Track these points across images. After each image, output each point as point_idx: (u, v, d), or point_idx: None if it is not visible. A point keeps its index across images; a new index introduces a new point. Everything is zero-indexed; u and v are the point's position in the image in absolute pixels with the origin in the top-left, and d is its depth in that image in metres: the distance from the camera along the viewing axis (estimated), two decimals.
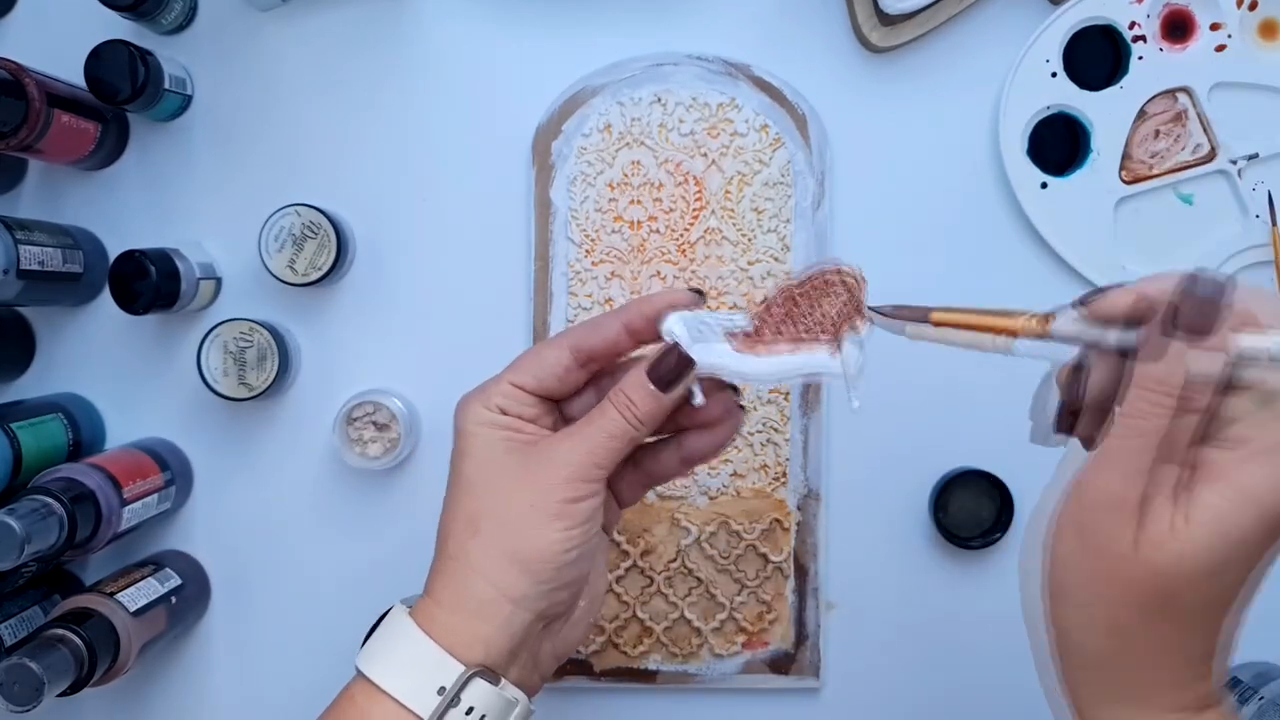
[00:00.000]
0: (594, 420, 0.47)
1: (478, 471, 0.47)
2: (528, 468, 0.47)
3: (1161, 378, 0.39)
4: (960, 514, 0.69)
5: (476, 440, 0.48)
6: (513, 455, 0.47)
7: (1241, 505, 0.38)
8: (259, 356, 0.66)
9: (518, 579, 0.45)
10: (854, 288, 0.47)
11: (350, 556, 0.71)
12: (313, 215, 0.66)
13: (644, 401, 0.47)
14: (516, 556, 0.45)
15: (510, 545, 0.45)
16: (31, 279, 0.62)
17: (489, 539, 0.46)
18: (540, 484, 0.46)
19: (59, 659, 0.56)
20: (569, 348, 0.49)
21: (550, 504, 0.46)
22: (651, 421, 0.48)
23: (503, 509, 0.46)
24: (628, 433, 0.47)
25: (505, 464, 0.47)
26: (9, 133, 0.59)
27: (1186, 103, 0.69)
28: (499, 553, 0.45)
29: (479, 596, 0.45)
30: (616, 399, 0.47)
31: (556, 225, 0.69)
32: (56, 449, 0.66)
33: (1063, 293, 0.70)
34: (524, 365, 0.49)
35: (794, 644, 0.69)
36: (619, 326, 0.49)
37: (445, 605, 0.46)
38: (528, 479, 0.46)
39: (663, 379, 0.47)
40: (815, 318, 0.48)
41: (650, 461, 0.52)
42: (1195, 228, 0.69)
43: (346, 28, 0.70)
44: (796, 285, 0.48)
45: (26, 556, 0.55)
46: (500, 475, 0.47)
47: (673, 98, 0.69)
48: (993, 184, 0.70)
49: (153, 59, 0.65)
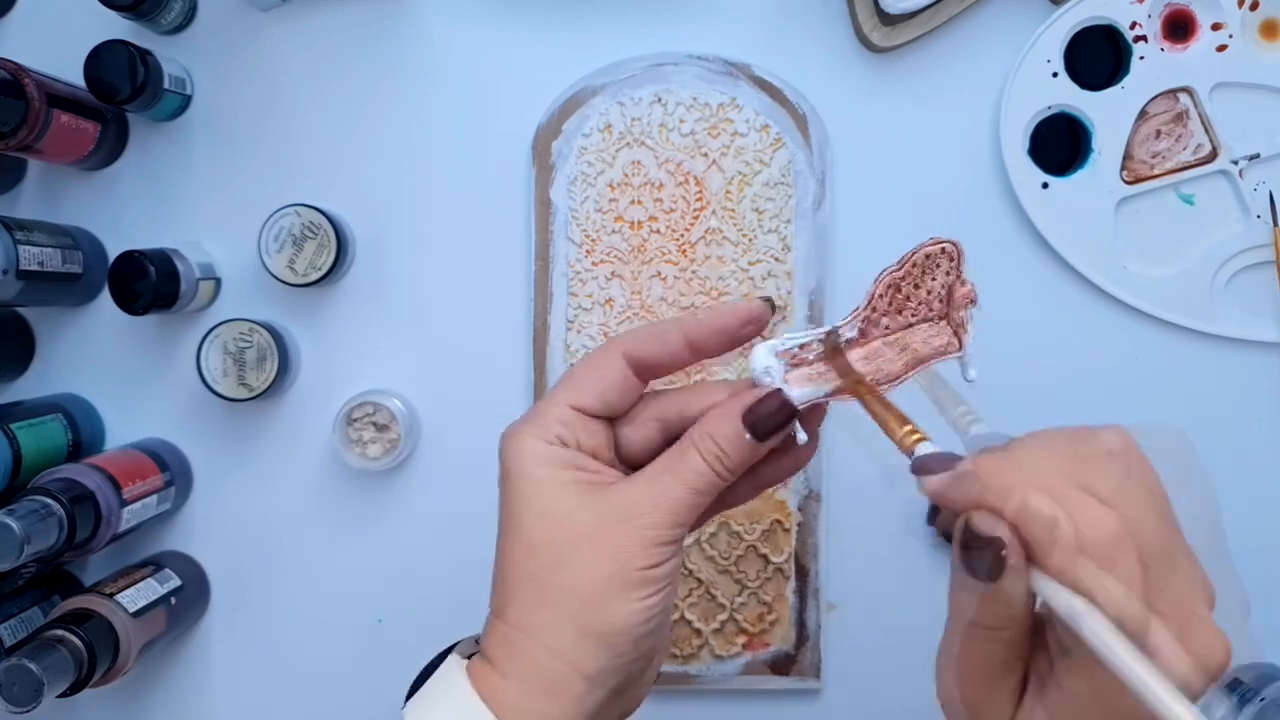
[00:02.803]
0: (675, 469, 0.41)
1: (544, 529, 0.40)
2: (602, 527, 0.40)
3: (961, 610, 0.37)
4: None
5: (539, 486, 0.40)
6: (584, 509, 0.40)
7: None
8: (259, 357, 0.66)
9: (595, 655, 0.40)
10: (955, 256, 0.43)
11: (350, 557, 0.71)
12: (313, 215, 0.66)
13: (737, 452, 0.41)
14: (593, 631, 0.40)
15: (586, 620, 0.40)
16: (31, 279, 0.62)
17: (560, 611, 0.40)
18: (619, 549, 0.40)
19: (59, 660, 0.56)
20: (624, 358, 0.42)
21: (631, 574, 0.40)
22: (741, 470, 0.42)
23: (575, 579, 0.40)
24: (715, 485, 0.41)
25: (576, 520, 0.40)
26: (8, 133, 0.59)
27: (1188, 103, 0.68)
28: (574, 628, 0.40)
29: (550, 674, 0.40)
30: (704, 445, 0.41)
31: (556, 225, 0.69)
32: (56, 449, 0.65)
33: (1063, 293, 0.70)
34: (582, 382, 0.42)
35: (795, 645, 0.69)
36: (681, 339, 0.42)
37: (512, 678, 0.40)
38: (604, 541, 0.40)
39: (759, 428, 0.41)
40: (920, 297, 0.43)
41: (724, 494, 0.44)
42: (1196, 228, 0.69)
43: (346, 28, 0.70)
44: (897, 270, 0.43)
45: (26, 557, 0.55)
46: (570, 535, 0.40)
47: (673, 98, 0.69)
48: (993, 184, 0.70)
49: (152, 59, 0.65)
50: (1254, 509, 0.69)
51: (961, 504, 0.35)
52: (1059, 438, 0.35)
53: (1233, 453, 0.70)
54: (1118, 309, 0.70)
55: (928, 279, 0.43)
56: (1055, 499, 0.33)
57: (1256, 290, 0.69)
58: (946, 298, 0.43)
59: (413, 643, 0.44)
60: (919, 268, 0.43)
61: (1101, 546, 0.32)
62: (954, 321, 0.43)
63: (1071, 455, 0.34)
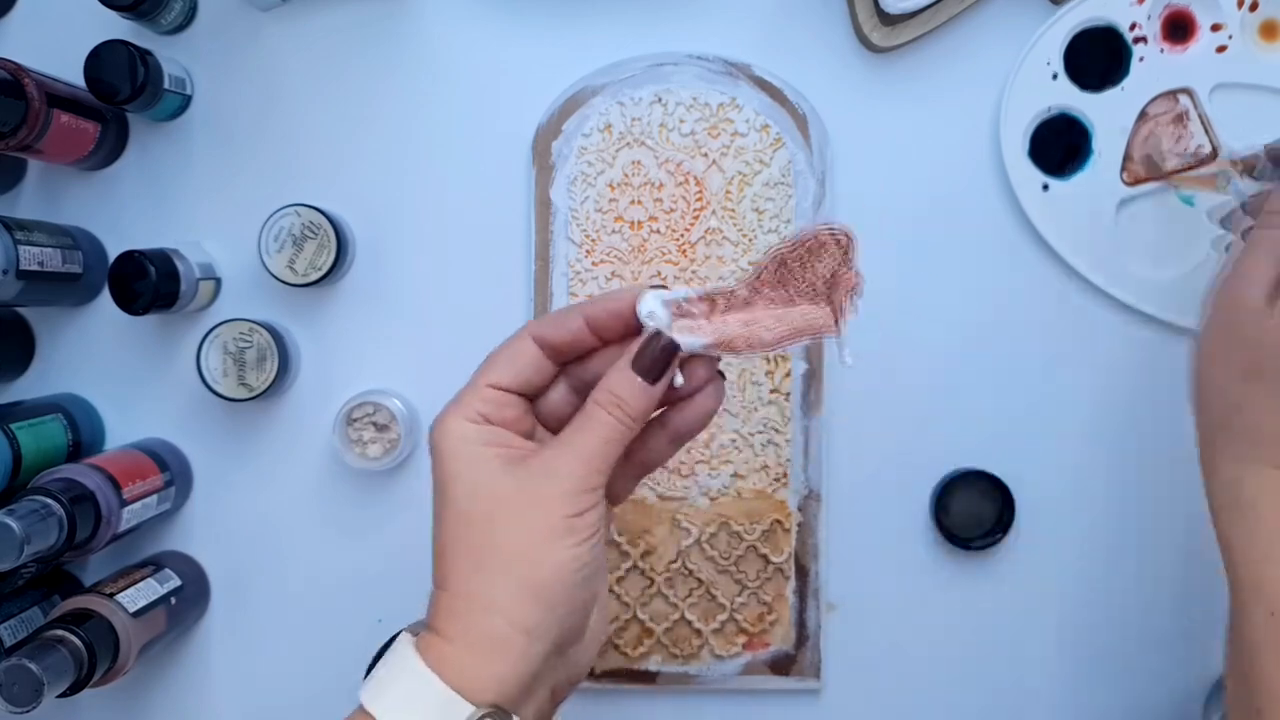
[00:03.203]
0: (584, 426, 0.45)
1: (473, 500, 0.44)
2: (525, 489, 0.44)
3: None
4: (961, 514, 0.69)
5: (465, 462, 0.44)
6: (508, 476, 0.44)
7: None
8: (259, 357, 0.66)
9: (531, 609, 0.43)
10: (845, 245, 0.46)
11: (350, 557, 0.71)
12: (313, 215, 0.66)
13: (634, 398, 0.45)
14: (527, 585, 0.43)
15: (519, 574, 0.43)
16: (31, 279, 0.62)
17: (495, 571, 0.43)
18: (541, 504, 0.43)
19: (58, 660, 0.56)
20: (534, 340, 0.47)
21: (555, 523, 0.43)
22: (643, 417, 0.46)
23: (506, 538, 0.43)
24: (622, 433, 0.45)
25: (502, 487, 0.44)
26: (8, 133, 0.59)
27: (1188, 104, 0.68)
28: (508, 584, 0.43)
29: (491, 633, 0.42)
30: (604, 399, 0.45)
31: (556, 225, 0.69)
32: (56, 449, 0.65)
33: (1064, 294, 0.70)
34: (498, 364, 0.46)
35: (795, 645, 0.69)
36: (580, 321, 0.46)
37: (457, 643, 0.43)
38: (528, 501, 0.44)
39: (649, 371, 0.45)
40: (807, 278, 0.46)
41: (640, 451, 0.49)
42: (1197, 229, 0.69)
43: (346, 28, 0.70)
44: (787, 248, 0.46)
45: (26, 557, 0.55)
46: (498, 501, 0.44)
47: (673, 98, 0.69)
48: (993, 185, 0.70)
49: (152, 59, 0.65)
50: None
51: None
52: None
53: None
54: (1118, 310, 0.70)
55: (815, 261, 0.46)
56: None
57: None
58: (831, 282, 0.46)
59: None
60: (808, 249, 0.46)
61: None
62: (834, 304, 0.46)
63: None
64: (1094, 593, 0.70)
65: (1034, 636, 0.71)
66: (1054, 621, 0.71)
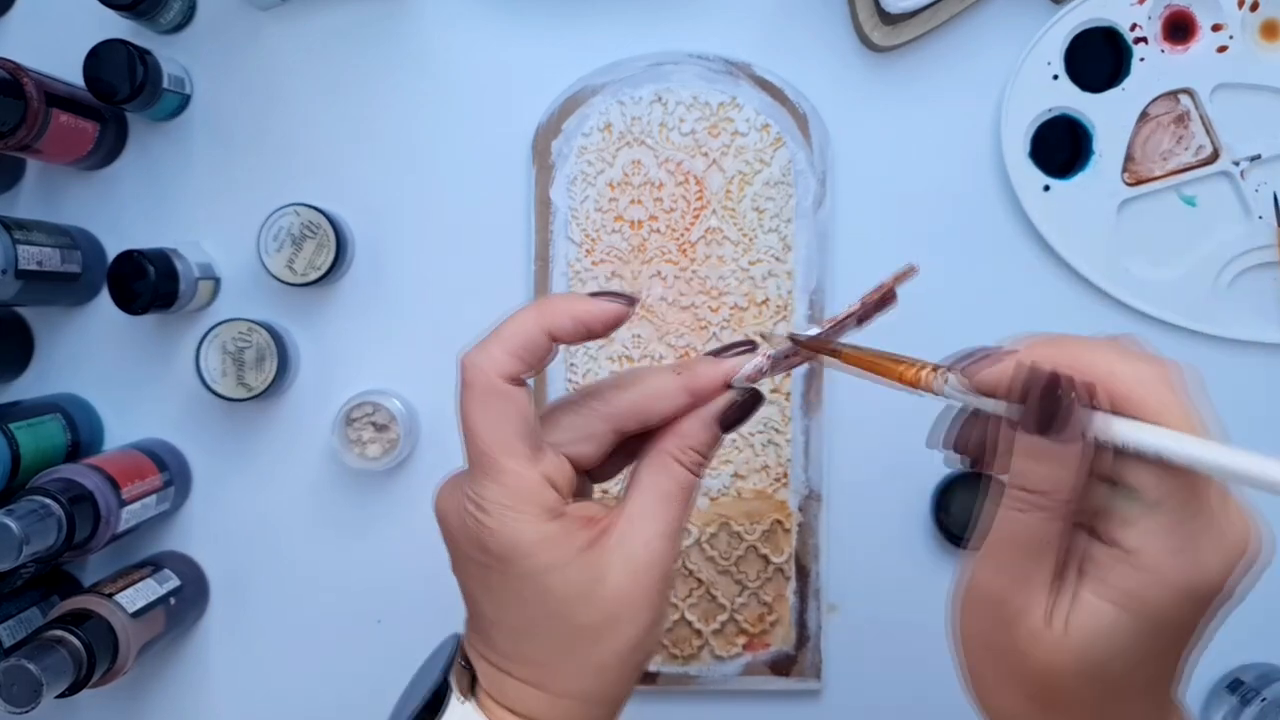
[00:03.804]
0: (668, 492, 0.40)
1: (584, 613, 0.39)
2: (637, 584, 0.39)
3: (1019, 474, 0.35)
4: (962, 514, 0.69)
5: (564, 574, 0.39)
6: (610, 572, 0.39)
7: (1122, 615, 0.34)
8: (258, 357, 0.66)
9: (625, 679, 0.40)
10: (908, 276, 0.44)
11: (349, 558, 0.71)
12: (312, 215, 0.66)
13: (710, 449, 0.41)
14: (626, 659, 0.40)
15: (616, 653, 0.39)
16: (30, 279, 0.62)
17: (619, 672, 0.40)
18: (656, 596, 0.39)
19: (58, 660, 0.56)
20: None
21: (650, 596, 0.39)
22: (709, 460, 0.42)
23: (630, 640, 0.39)
24: (694, 483, 0.41)
25: (613, 591, 0.39)
26: (7, 132, 0.59)
27: (1189, 104, 0.68)
28: (604, 665, 0.40)
29: (570, 714, 0.40)
30: (687, 458, 0.41)
31: (556, 225, 0.69)
32: (55, 449, 0.65)
33: (1065, 294, 0.70)
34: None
35: (795, 645, 0.69)
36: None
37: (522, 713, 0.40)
38: (641, 596, 0.39)
39: (731, 420, 0.41)
40: None
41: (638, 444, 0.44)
42: (1198, 229, 0.69)
43: (346, 28, 0.70)
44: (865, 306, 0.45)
45: (25, 557, 0.55)
46: (614, 606, 0.39)
47: (673, 97, 0.69)
48: (994, 186, 0.70)
49: (151, 58, 0.65)
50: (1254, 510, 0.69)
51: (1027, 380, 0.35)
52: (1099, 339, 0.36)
53: None
54: (1120, 311, 0.70)
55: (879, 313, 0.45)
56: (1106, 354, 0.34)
57: (1259, 291, 0.69)
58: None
59: (413, 643, 0.44)
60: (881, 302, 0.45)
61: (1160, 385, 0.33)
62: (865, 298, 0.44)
63: (1115, 347, 0.35)
64: None
65: None
66: None
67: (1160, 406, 0.33)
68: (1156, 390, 0.33)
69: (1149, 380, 0.33)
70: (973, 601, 0.39)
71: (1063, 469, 0.33)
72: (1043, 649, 0.35)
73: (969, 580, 0.38)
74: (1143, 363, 0.34)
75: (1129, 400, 0.33)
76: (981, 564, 0.37)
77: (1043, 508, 0.34)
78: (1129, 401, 0.33)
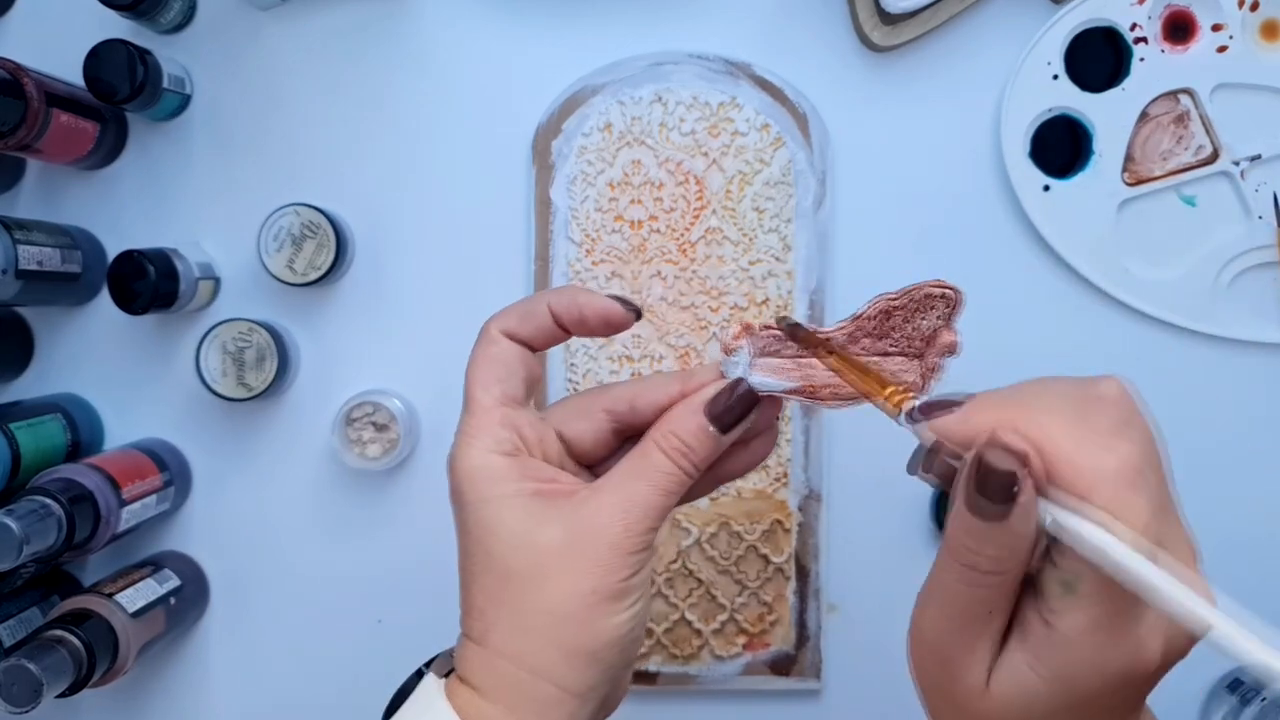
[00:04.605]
0: (642, 471, 0.40)
1: (514, 554, 0.39)
2: (576, 543, 0.39)
3: (960, 550, 0.34)
4: None
5: (500, 508, 0.39)
6: (554, 525, 0.39)
7: (1046, 681, 0.34)
8: (258, 357, 0.66)
9: (584, 673, 0.39)
10: (954, 303, 0.43)
11: (349, 557, 0.71)
12: (312, 215, 0.66)
13: (702, 446, 0.40)
14: (581, 650, 0.39)
15: (572, 640, 0.39)
16: (30, 279, 0.62)
17: (544, 635, 0.39)
18: (597, 564, 0.38)
19: (58, 660, 0.56)
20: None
21: (612, 587, 0.38)
22: (706, 465, 0.41)
23: (555, 600, 0.39)
24: (683, 483, 0.40)
25: (549, 540, 0.39)
26: (8, 132, 0.59)
27: (1189, 104, 0.68)
28: (560, 650, 0.39)
29: (541, 698, 0.39)
30: (668, 443, 0.40)
31: (556, 225, 0.69)
32: (55, 449, 0.65)
33: (1064, 294, 0.70)
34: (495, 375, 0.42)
35: (795, 645, 0.69)
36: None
37: (498, 704, 0.39)
38: (580, 558, 0.38)
39: (723, 418, 0.40)
40: (907, 332, 0.43)
41: None
42: (1198, 229, 0.69)
43: (346, 28, 0.70)
44: (895, 298, 0.43)
45: (25, 557, 0.55)
46: (547, 557, 0.39)
47: (673, 97, 0.69)
48: (994, 186, 0.70)
49: (151, 58, 0.65)
50: (1256, 510, 0.69)
51: (969, 440, 0.34)
52: (1059, 381, 0.35)
53: (1235, 453, 0.69)
54: (1120, 311, 0.70)
55: (919, 316, 0.43)
56: (1068, 432, 0.32)
57: (1259, 291, 0.69)
58: (929, 339, 0.43)
59: (413, 643, 0.44)
60: (915, 303, 0.43)
61: (1115, 482, 0.32)
62: (926, 364, 0.43)
63: (1074, 396, 0.34)
64: None
65: None
66: None
67: (1113, 508, 0.31)
68: (1114, 491, 0.31)
69: (1108, 479, 0.32)
70: (918, 647, 0.38)
71: (1006, 551, 0.33)
72: (975, 704, 0.36)
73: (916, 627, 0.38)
74: (1107, 454, 0.32)
75: (1082, 494, 0.32)
76: (927, 615, 0.37)
77: (985, 585, 0.34)
78: (1082, 495, 0.32)
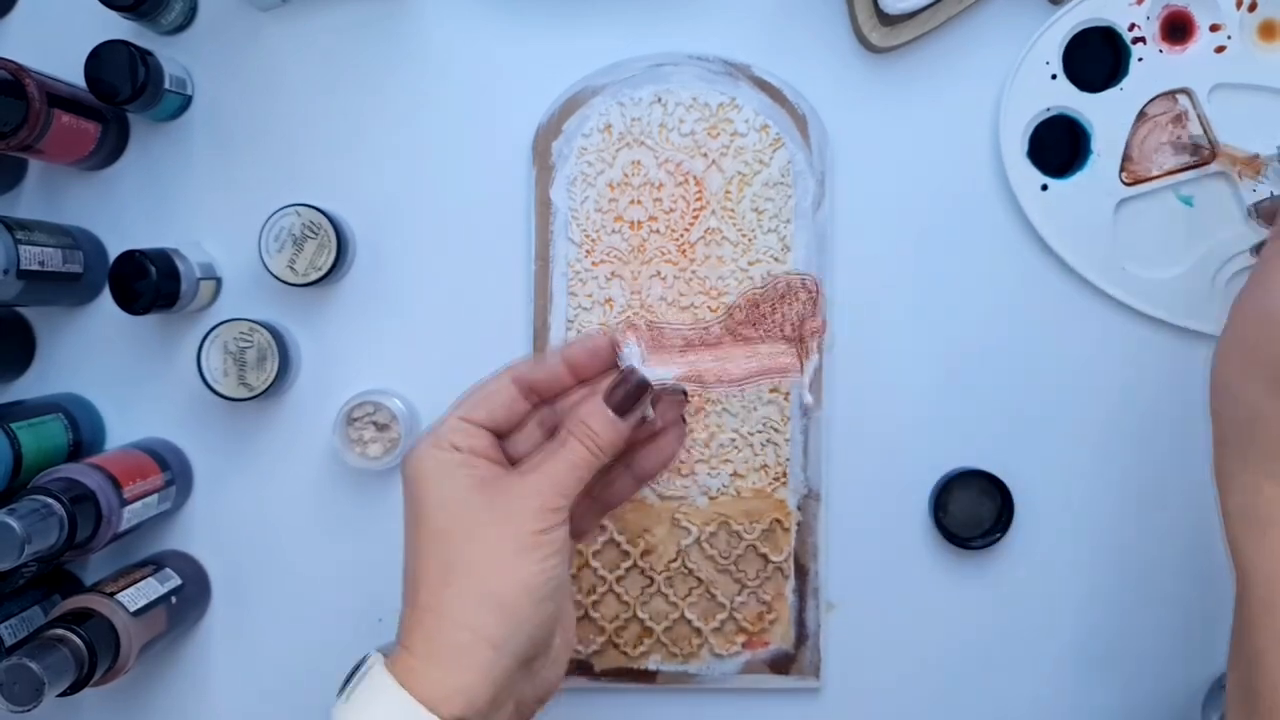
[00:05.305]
0: (556, 452, 0.48)
1: (444, 517, 0.47)
2: (494, 506, 0.46)
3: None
4: (960, 514, 0.69)
5: (436, 482, 0.47)
6: (476, 494, 0.47)
7: None
8: (259, 357, 0.66)
9: (497, 622, 0.45)
10: (813, 292, 0.51)
11: (350, 557, 0.71)
12: (313, 215, 0.66)
13: (604, 430, 0.48)
14: (494, 598, 0.45)
15: (486, 587, 0.45)
16: (31, 279, 0.62)
17: (464, 584, 0.45)
18: (509, 521, 0.46)
19: (59, 659, 0.56)
20: (513, 381, 0.50)
21: (522, 538, 0.45)
22: (613, 449, 0.48)
23: (474, 552, 0.45)
24: (591, 462, 0.48)
25: (471, 504, 0.46)
26: (9, 133, 0.59)
27: (1187, 104, 0.69)
28: (475, 597, 0.45)
29: (457, 645, 0.44)
30: (577, 429, 0.48)
31: (556, 225, 0.69)
32: (56, 449, 0.66)
33: (1063, 294, 0.70)
34: (472, 400, 0.50)
35: (794, 644, 0.69)
36: (560, 362, 0.50)
37: (422, 657, 0.45)
38: (495, 517, 0.46)
39: (621, 405, 0.48)
40: (776, 320, 0.51)
41: (604, 489, 0.53)
42: (1196, 229, 0.69)
43: (346, 28, 0.70)
44: (760, 291, 0.51)
45: (26, 557, 0.55)
46: (467, 517, 0.46)
47: (673, 98, 0.69)
48: (993, 185, 0.70)
49: (153, 59, 0.65)
50: None
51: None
52: None
53: None
54: (1118, 310, 0.70)
55: (785, 305, 0.51)
56: None
57: None
58: (799, 326, 0.51)
59: None
60: (779, 292, 0.51)
61: None
62: (801, 348, 0.51)
63: None
64: (1093, 592, 0.71)
65: (1033, 636, 0.71)
66: (1053, 621, 0.71)
67: None
68: None
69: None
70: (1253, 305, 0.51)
71: None
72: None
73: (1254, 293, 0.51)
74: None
75: None
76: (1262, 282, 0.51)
77: None
78: None
